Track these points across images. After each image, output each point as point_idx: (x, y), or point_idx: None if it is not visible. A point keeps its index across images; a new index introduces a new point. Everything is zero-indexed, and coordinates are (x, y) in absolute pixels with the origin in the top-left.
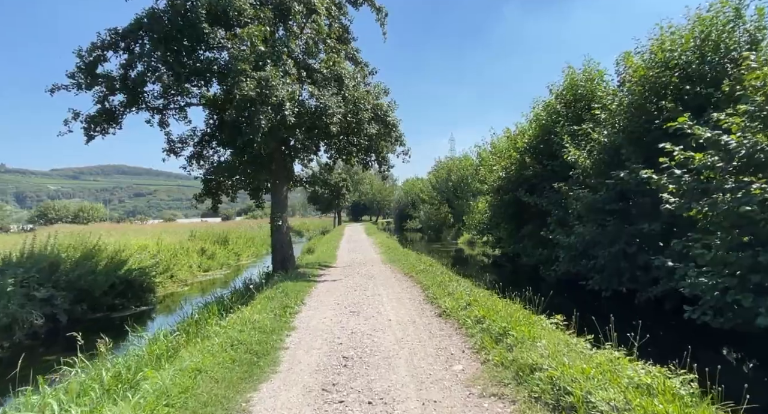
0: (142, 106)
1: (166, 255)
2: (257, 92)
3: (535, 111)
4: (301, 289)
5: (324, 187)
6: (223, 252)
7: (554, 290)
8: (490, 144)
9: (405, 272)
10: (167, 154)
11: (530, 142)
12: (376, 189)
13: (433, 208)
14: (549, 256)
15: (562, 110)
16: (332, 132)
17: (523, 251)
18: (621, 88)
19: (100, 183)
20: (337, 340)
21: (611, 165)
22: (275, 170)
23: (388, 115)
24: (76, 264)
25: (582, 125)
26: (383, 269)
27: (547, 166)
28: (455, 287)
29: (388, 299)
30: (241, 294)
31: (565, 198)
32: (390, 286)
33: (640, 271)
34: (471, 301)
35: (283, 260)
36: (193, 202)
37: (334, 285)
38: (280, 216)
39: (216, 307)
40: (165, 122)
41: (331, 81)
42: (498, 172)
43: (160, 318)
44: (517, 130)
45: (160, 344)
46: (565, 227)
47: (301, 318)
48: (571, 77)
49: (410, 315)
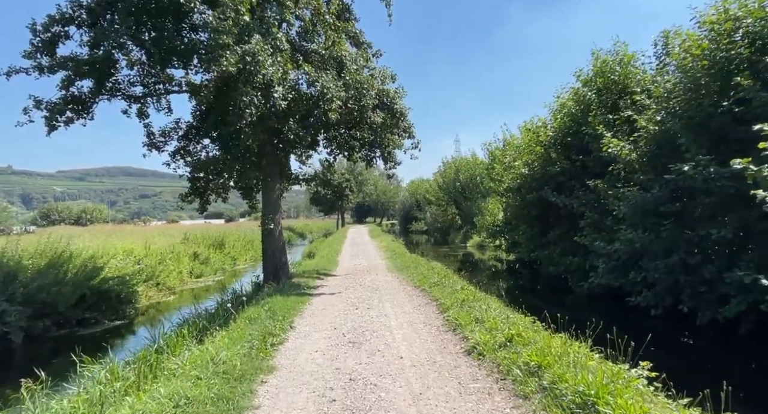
0: (117, 93)
1: (153, 260)
2: (239, 69)
3: (559, 101)
4: (291, 307)
5: (326, 187)
6: (218, 256)
7: (587, 305)
8: (503, 141)
9: (415, 284)
10: (148, 149)
11: (556, 135)
12: (380, 190)
13: (439, 209)
14: (581, 266)
15: (593, 98)
16: (331, 121)
17: (548, 259)
18: (666, 70)
19: (105, 184)
20: (329, 393)
21: (664, 157)
22: (266, 166)
23: (395, 102)
24: (38, 273)
25: (619, 113)
26: (389, 279)
27: (576, 162)
28: (483, 309)
29: (397, 323)
30: (224, 310)
31: (603, 198)
32: (399, 303)
33: (705, 286)
34: (512, 335)
35: (275, 269)
36: (179, 203)
37: (332, 300)
38: (271, 218)
39: (187, 331)
40: (144, 113)
41: (330, 61)
42: (519, 169)
43: (132, 337)
44: (539, 122)
45: (92, 393)
46: (602, 232)
47: (284, 351)
48: (601, 61)
49: (428, 350)
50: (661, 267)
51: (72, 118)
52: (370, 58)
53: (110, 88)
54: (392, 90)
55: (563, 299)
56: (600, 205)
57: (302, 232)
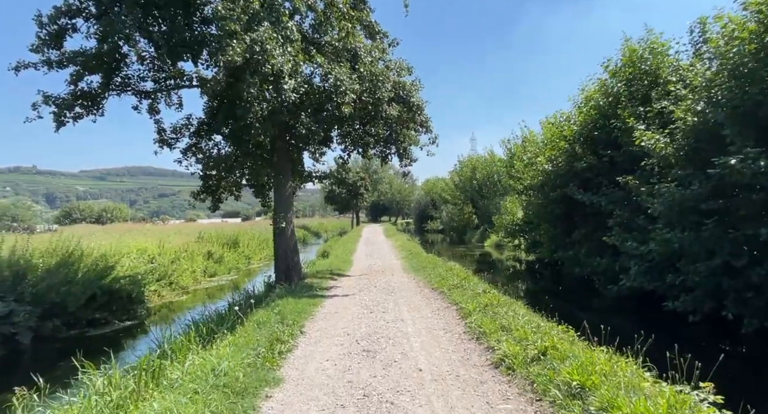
0: (127, 89)
1: (166, 259)
2: (246, 59)
3: (585, 93)
4: (302, 310)
5: (341, 186)
6: (232, 255)
7: (616, 309)
8: (521, 138)
9: (433, 286)
10: (159, 146)
11: (581, 129)
12: (395, 189)
13: (456, 208)
14: (609, 267)
15: (623, 89)
16: (345, 115)
17: (573, 259)
18: (702, 58)
19: (126, 184)
20: (340, 412)
21: (703, 150)
22: (277, 163)
23: (411, 95)
24: (48, 272)
25: (652, 105)
26: (406, 281)
27: (604, 157)
28: (509, 316)
29: (414, 329)
30: (233, 313)
31: (635, 195)
32: (416, 307)
33: (751, 291)
34: (546, 348)
35: (287, 269)
36: (191, 201)
37: (345, 303)
38: (283, 217)
39: (193, 335)
40: (155, 109)
41: (344, 53)
42: (542, 165)
43: (142, 338)
44: (562, 116)
45: (84, 405)
46: (633, 232)
47: (293, 360)
48: (631, 50)
49: (450, 361)
50: (701, 269)
51: (81, 114)
52: (386, 48)
53: (120, 83)
54: (408, 82)
55: (589, 302)
56: (630, 203)
57: (317, 230)
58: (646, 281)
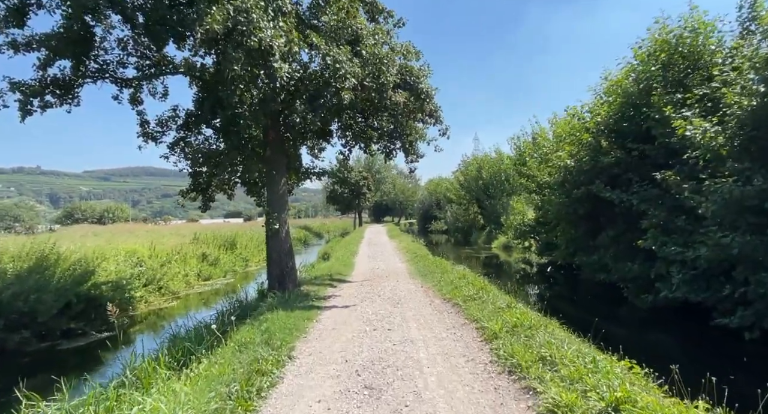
0: (105, 76)
1: (156, 262)
2: (228, 28)
3: (609, 81)
4: (294, 325)
5: (343, 185)
6: (228, 257)
7: (649, 321)
8: (531, 135)
9: (444, 296)
10: (143, 140)
11: (606, 120)
12: (398, 189)
13: (461, 208)
14: (642, 274)
15: (657, 74)
16: (344, 102)
17: (597, 264)
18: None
19: (129, 184)
20: None
21: (763, 139)
22: (270, 157)
23: (419, 80)
24: (17, 278)
25: (691, 91)
26: (412, 288)
27: (633, 151)
28: (549, 342)
29: (428, 355)
30: (221, 322)
31: (677, 192)
32: (427, 323)
33: None
34: (618, 401)
35: (281, 275)
36: (179, 200)
37: (344, 316)
38: (277, 217)
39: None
40: (137, 99)
41: (343, 33)
42: (563, 160)
43: (120, 351)
44: (583, 107)
45: None
46: (672, 234)
47: (275, 401)
48: (667, 31)
49: (478, 408)
50: (766, 279)
51: (52, 102)
52: (390, 29)
53: (97, 69)
54: (416, 67)
55: (614, 312)
56: (668, 202)
57: (319, 231)
58: (692, 292)
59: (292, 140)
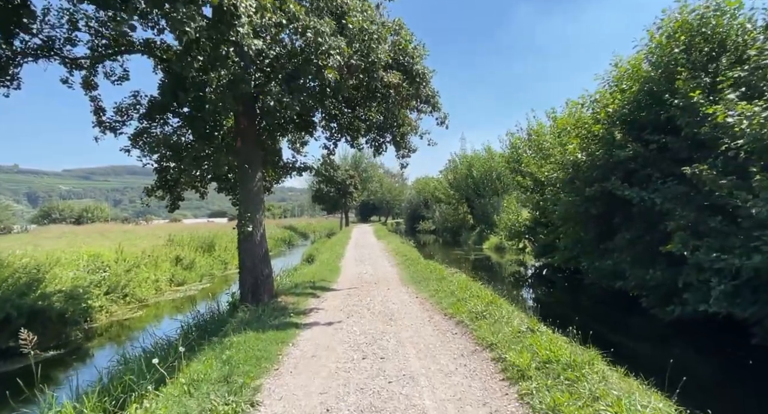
0: (51, 54)
1: (122, 267)
2: None
3: (619, 69)
4: (264, 352)
5: (329, 184)
6: (205, 260)
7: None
8: (526, 131)
9: (446, 311)
10: (100, 130)
11: (620, 110)
12: (385, 188)
13: (450, 208)
14: (667, 282)
15: (680, 56)
16: (328, 83)
17: (610, 270)
18: None
19: (110, 183)
20: None
21: None
22: (242, 150)
23: (414, 61)
24: None
25: (725, 74)
26: (406, 299)
27: (651, 144)
28: (603, 392)
29: (435, 401)
30: (185, 339)
31: (713, 190)
32: (428, 349)
33: None
34: None
35: (255, 285)
36: (143, 198)
37: (327, 338)
38: (250, 218)
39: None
40: (90, 83)
41: (327, 2)
42: (573, 154)
43: (63, 376)
44: (593, 96)
45: None
46: (705, 238)
47: None
48: (687, 11)
49: None
50: None
51: None
52: (380, 3)
53: (40, 46)
54: (411, 46)
55: (627, 323)
56: (698, 200)
57: (305, 231)
58: (738, 306)
59: (270, 131)
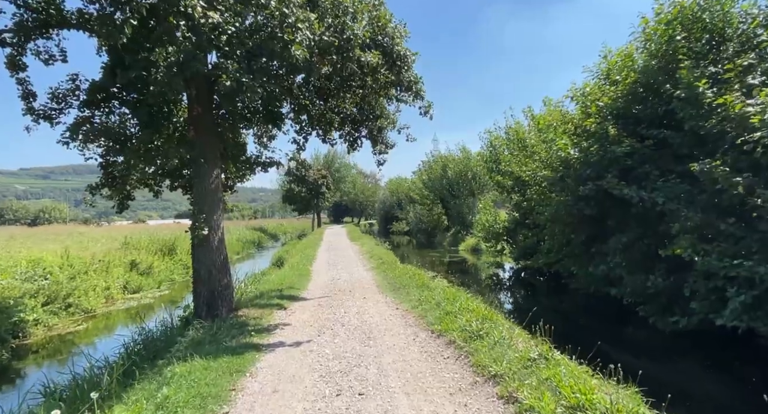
0: None
1: (66, 274)
2: None
3: (609, 62)
4: (213, 391)
5: (300, 184)
6: (165, 265)
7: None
8: (504, 129)
9: (433, 327)
10: (32, 119)
11: (613, 103)
12: (358, 188)
13: (424, 208)
14: (670, 290)
15: (681, 44)
16: (296, 60)
17: (601, 276)
18: None
19: (71, 183)
20: None
21: None
22: (197, 141)
23: (394, 42)
24: None
25: (732, 62)
26: (386, 311)
27: (647, 140)
28: None
29: None
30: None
31: (724, 186)
32: (417, 381)
33: None
34: None
35: (211, 297)
36: (85, 196)
37: (293, 365)
38: (206, 220)
39: None
40: (18, 63)
41: None
42: (564, 151)
43: None
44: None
45: None
46: (715, 242)
47: None
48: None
49: None
50: None
51: None
52: None
53: None
54: (391, 25)
55: (621, 334)
56: (704, 200)
57: (275, 232)
58: (758, 319)
59: (230, 120)
